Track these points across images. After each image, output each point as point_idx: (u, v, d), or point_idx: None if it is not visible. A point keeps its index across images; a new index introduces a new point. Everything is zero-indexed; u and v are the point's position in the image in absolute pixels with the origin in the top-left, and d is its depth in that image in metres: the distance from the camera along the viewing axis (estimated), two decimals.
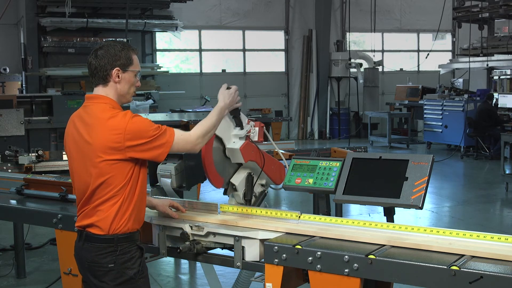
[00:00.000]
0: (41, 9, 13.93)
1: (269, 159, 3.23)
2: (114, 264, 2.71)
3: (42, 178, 4.26)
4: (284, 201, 8.95)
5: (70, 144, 2.83)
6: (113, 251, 2.71)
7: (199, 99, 16.13)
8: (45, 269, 5.85)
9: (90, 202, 2.75)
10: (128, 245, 2.74)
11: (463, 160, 13.14)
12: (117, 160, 2.67)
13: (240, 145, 3.06)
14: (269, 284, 2.66)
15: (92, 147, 2.69)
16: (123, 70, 2.79)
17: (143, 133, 2.66)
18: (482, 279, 2.20)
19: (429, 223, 7.66)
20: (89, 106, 2.81)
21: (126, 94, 2.84)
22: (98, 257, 2.72)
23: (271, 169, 3.23)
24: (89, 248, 2.75)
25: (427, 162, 2.81)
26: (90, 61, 2.80)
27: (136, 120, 2.68)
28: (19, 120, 8.81)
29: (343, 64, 17.04)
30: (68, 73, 14.06)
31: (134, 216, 2.76)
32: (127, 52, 2.80)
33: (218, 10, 16.81)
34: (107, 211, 2.71)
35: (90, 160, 2.71)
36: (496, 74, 15.85)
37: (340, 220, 2.90)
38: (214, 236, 2.92)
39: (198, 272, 5.66)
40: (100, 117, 2.71)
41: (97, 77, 2.79)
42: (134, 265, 2.75)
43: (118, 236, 2.72)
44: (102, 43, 2.88)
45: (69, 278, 3.39)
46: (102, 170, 2.68)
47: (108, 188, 2.69)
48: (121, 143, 2.64)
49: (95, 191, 2.71)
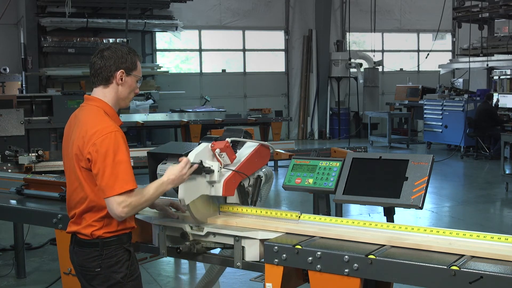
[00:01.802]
0: (41, 9, 13.93)
1: (249, 163, 3.04)
2: (100, 269, 2.72)
3: (42, 178, 4.26)
4: (284, 201, 8.95)
5: (64, 144, 2.85)
6: (99, 255, 2.72)
7: (199, 99, 16.14)
8: (45, 269, 5.84)
9: (75, 207, 2.77)
10: (114, 248, 2.74)
11: (463, 160, 13.14)
12: (87, 167, 2.65)
13: (220, 191, 2.90)
14: (269, 284, 2.66)
15: (72, 151, 2.71)
16: (127, 73, 2.77)
17: (106, 154, 2.57)
18: (482, 279, 2.20)
19: (429, 223, 7.66)
20: (84, 107, 2.81)
21: (126, 98, 2.83)
22: (86, 261, 2.74)
23: (258, 163, 3.09)
24: (78, 252, 2.78)
25: (427, 162, 2.81)
26: (94, 60, 2.76)
27: (110, 140, 2.59)
28: (19, 120, 8.81)
29: (343, 64, 17.04)
30: (68, 73, 14.07)
31: (119, 221, 2.74)
32: (133, 57, 2.80)
33: (218, 10, 16.81)
34: (90, 218, 2.72)
35: (72, 164, 2.73)
36: (496, 74, 15.85)
37: (340, 220, 2.90)
38: (214, 236, 2.92)
39: (198, 272, 5.66)
40: (87, 121, 2.70)
41: (99, 77, 2.77)
42: (121, 268, 2.75)
43: (103, 240, 2.72)
44: (107, 44, 2.86)
45: (69, 278, 3.39)
46: (77, 173, 2.69)
47: (82, 193, 2.71)
48: (83, 151, 2.63)
49: (72, 194, 2.75)
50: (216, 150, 2.87)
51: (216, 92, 16.28)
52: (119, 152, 2.60)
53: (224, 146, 2.87)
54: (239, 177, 2.97)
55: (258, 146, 3.09)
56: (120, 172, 2.58)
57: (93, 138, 2.61)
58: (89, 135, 2.62)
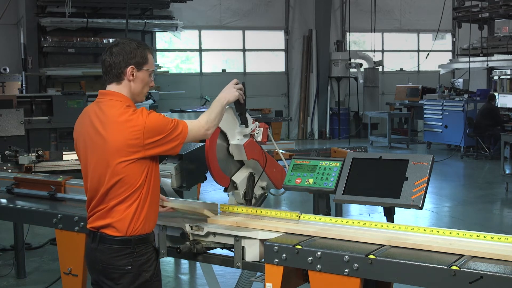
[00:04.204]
0: (41, 9, 13.92)
1: (271, 161, 3.24)
2: (131, 267, 2.65)
3: (32, 177, 4.28)
4: (284, 201, 8.95)
5: (84, 141, 2.74)
6: (130, 253, 2.65)
7: (199, 99, 16.14)
8: (45, 269, 5.85)
9: (104, 202, 2.67)
10: (145, 247, 2.69)
11: (463, 160, 13.14)
12: (133, 159, 2.61)
13: (244, 142, 3.08)
14: (269, 284, 2.66)
15: (107, 145, 2.62)
16: (137, 68, 2.72)
17: (161, 128, 2.63)
18: (482, 279, 2.20)
19: (429, 223, 7.66)
20: (103, 102, 2.72)
21: (140, 93, 2.79)
22: (114, 259, 2.65)
23: (272, 172, 3.24)
24: (104, 250, 2.67)
25: (427, 162, 2.81)
26: (104, 58, 2.72)
27: (153, 117, 2.64)
28: (19, 120, 8.81)
29: (343, 64, 17.04)
30: (68, 73, 14.06)
31: (151, 216, 2.72)
32: (143, 51, 2.74)
33: (218, 10, 16.81)
34: (124, 212, 2.64)
35: (105, 159, 2.63)
36: (496, 74, 15.85)
37: (340, 220, 2.90)
38: (214, 236, 2.92)
39: (198, 272, 5.66)
40: (116, 115, 2.64)
41: (110, 74, 2.72)
42: (151, 267, 2.71)
43: (135, 238, 2.65)
44: (117, 40, 2.79)
45: (69, 278, 3.39)
46: (117, 169, 2.61)
47: (123, 187, 2.63)
48: (140, 141, 2.59)
49: (110, 190, 2.64)
50: (256, 123, 3.18)
51: (216, 92, 15.75)
52: (166, 117, 2.70)
53: (264, 126, 3.19)
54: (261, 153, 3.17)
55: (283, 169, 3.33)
56: (178, 120, 2.73)
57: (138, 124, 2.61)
58: (131, 124, 2.60)
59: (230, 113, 3.13)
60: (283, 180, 3.23)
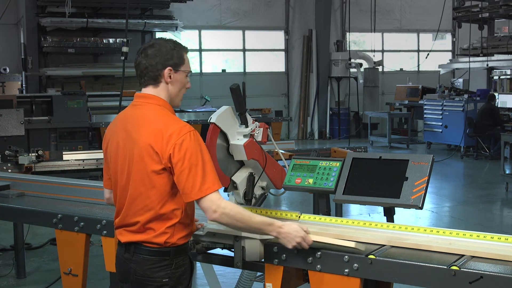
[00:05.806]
0: (41, 9, 13.92)
1: (271, 161, 3.24)
2: (169, 279, 2.50)
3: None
4: (284, 201, 8.95)
5: (117, 149, 2.58)
6: (168, 264, 2.50)
7: (199, 99, 16.13)
8: (45, 269, 5.85)
9: (137, 214, 2.51)
10: (182, 258, 2.56)
11: (463, 160, 13.14)
12: (162, 169, 2.45)
13: (244, 142, 3.08)
14: (269, 284, 2.66)
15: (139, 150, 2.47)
16: (175, 70, 2.57)
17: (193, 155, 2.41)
18: (482, 279, 2.20)
19: (429, 223, 7.66)
20: (142, 106, 2.58)
21: (177, 95, 2.64)
22: (151, 271, 2.49)
23: (272, 172, 3.23)
24: (139, 261, 2.51)
25: (427, 162, 2.81)
26: (139, 60, 2.56)
27: (191, 140, 2.43)
28: (19, 120, 8.82)
29: (343, 64, 17.04)
30: (68, 73, 14.06)
31: (188, 225, 2.59)
32: (179, 51, 2.60)
33: (218, 10, 16.81)
34: (160, 227, 2.48)
35: (139, 170, 2.48)
36: (496, 74, 15.86)
37: (340, 220, 2.90)
38: (214, 236, 2.92)
39: (198, 272, 5.65)
40: (156, 119, 2.50)
41: (147, 77, 2.57)
42: (185, 280, 2.58)
43: (174, 249, 2.51)
44: (152, 40, 2.65)
45: (69, 278, 3.39)
46: (145, 178, 2.47)
47: (148, 200, 2.48)
48: (162, 153, 2.42)
49: (136, 200, 2.50)
50: (256, 123, 3.16)
51: (216, 92, 16.26)
52: (204, 151, 2.46)
53: (264, 126, 3.17)
54: (261, 153, 3.14)
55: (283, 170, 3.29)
56: (208, 172, 2.42)
57: (172, 138, 2.42)
58: (167, 135, 2.42)
59: (230, 113, 3.12)
60: (283, 180, 3.22)
